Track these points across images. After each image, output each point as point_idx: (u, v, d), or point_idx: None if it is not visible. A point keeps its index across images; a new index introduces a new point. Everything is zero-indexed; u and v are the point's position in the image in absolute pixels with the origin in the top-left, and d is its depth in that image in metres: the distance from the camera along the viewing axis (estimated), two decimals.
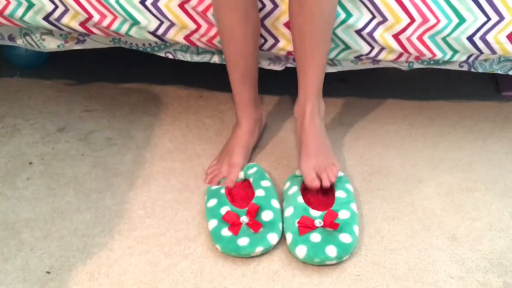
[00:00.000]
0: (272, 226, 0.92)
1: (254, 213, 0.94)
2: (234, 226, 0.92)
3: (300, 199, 0.96)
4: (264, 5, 1.03)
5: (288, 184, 1.02)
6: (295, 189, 0.99)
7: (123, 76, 1.44)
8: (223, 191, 1.00)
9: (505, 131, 1.22)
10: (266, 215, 0.94)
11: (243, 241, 0.89)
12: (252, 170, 1.05)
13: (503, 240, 0.94)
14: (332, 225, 0.90)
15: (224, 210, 0.95)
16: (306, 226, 0.90)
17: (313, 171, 0.97)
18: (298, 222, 0.91)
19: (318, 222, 0.91)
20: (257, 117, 1.13)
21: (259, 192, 0.99)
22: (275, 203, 0.97)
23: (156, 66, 1.49)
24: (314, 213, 0.93)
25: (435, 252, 0.92)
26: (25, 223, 0.98)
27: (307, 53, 0.98)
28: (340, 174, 1.02)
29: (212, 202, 0.98)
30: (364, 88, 1.40)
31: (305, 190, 1.00)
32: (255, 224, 0.92)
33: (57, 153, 1.16)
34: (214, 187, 1.03)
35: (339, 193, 0.97)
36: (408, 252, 0.92)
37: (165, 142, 1.20)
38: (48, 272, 0.88)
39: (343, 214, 0.93)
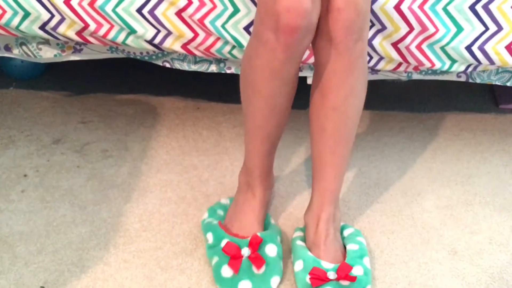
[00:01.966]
0: (274, 265, 0.86)
1: (257, 245, 0.86)
2: (235, 259, 0.85)
3: (309, 253, 0.88)
4: None
5: (298, 234, 0.93)
6: (302, 243, 0.90)
7: (119, 87, 1.44)
8: (215, 222, 0.94)
9: (503, 144, 1.22)
10: (270, 250, 0.87)
11: (244, 285, 0.83)
12: None
13: (504, 255, 0.93)
14: (348, 277, 0.82)
15: (224, 243, 0.88)
16: (318, 278, 0.82)
17: None
18: (309, 274, 0.83)
19: (331, 275, 0.82)
20: (273, 183, 1.00)
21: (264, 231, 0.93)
22: (279, 239, 0.92)
23: (152, 77, 1.48)
24: (326, 265, 0.85)
25: (435, 266, 0.91)
26: (19, 237, 0.96)
27: (326, 152, 0.85)
28: (351, 229, 0.94)
29: (209, 237, 0.91)
30: None
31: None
32: (258, 259, 0.85)
33: (52, 165, 1.15)
34: (207, 220, 0.95)
35: (350, 246, 0.89)
36: (408, 266, 0.91)
37: (162, 154, 1.18)
38: (43, 287, 0.87)
39: (356, 270, 0.84)
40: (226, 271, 0.85)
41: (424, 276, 0.89)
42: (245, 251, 0.86)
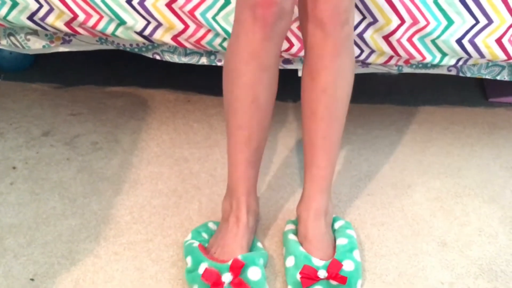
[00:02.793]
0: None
1: (239, 270, 0.80)
2: (216, 287, 0.78)
3: (301, 248, 0.87)
4: None
5: (289, 227, 0.93)
6: (294, 237, 0.90)
7: (109, 79, 1.43)
8: (196, 244, 0.87)
9: (493, 137, 1.23)
10: (253, 273, 0.81)
11: None
12: None
13: (493, 246, 0.94)
14: (338, 278, 0.81)
15: (202, 268, 0.82)
16: (308, 277, 0.81)
17: None
18: (300, 273, 0.82)
19: (321, 273, 0.82)
20: (257, 209, 0.93)
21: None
22: (262, 261, 0.85)
23: (143, 69, 1.47)
24: (317, 262, 0.84)
25: (425, 257, 0.91)
26: (8, 229, 0.95)
27: (318, 136, 0.85)
28: (341, 222, 0.94)
29: (188, 261, 0.85)
30: (352, 93, 1.39)
31: None
32: (241, 285, 0.79)
33: (42, 157, 1.14)
34: (189, 241, 0.89)
35: (340, 241, 0.88)
36: (398, 257, 0.91)
37: (152, 146, 1.18)
38: (32, 280, 0.86)
39: (347, 265, 0.84)
40: None
41: (414, 268, 0.90)
42: (226, 277, 0.79)
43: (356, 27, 1.02)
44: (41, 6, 1.05)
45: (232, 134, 0.86)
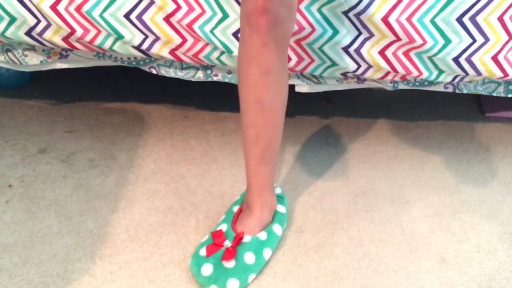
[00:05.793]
0: (242, 270, 0.88)
1: (239, 241, 0.90)
2: (214, 246, 0.90)
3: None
4: None
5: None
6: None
7: (106, 96, 1.42)
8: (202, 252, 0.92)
9: (490, 152, 1.23)
10: (249, 258, 0.89)
11: (206, 269, 0.88)
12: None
13: (492, 262, 0.93)
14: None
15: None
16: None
17: None
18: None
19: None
20: (273, 206, 0.97)
21: (262, 235, 0.93)
22: (267, 252, 0.92)
23: (140, 86, 1.47)
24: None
25: (424, 275, 0.91)
26: (3, 249, 0.94)
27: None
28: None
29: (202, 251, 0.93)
30: (349, 108, 1.40)
31: None
32: (229, 253, 0.88)
33: (38, 175, 1.13)
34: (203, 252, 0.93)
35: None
36: (397, 275, 0.91)
37: (149, 163, 1.17)
38: None
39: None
40: (202, 252, 0.91)
41: (413, 285, 0.89)
42: (227, 243, 0.90)
43: (352, 42, 1.03)
44: (39, 21, 1.05)
45: (243, 133, 0.90)
